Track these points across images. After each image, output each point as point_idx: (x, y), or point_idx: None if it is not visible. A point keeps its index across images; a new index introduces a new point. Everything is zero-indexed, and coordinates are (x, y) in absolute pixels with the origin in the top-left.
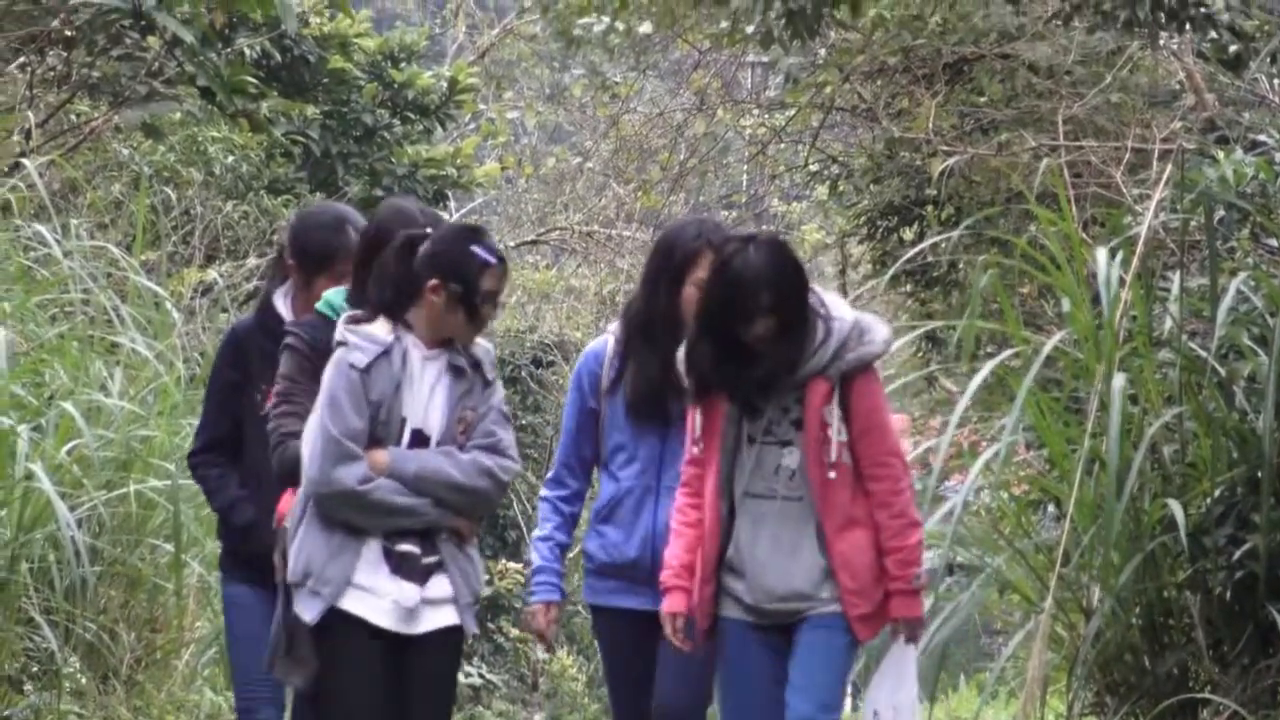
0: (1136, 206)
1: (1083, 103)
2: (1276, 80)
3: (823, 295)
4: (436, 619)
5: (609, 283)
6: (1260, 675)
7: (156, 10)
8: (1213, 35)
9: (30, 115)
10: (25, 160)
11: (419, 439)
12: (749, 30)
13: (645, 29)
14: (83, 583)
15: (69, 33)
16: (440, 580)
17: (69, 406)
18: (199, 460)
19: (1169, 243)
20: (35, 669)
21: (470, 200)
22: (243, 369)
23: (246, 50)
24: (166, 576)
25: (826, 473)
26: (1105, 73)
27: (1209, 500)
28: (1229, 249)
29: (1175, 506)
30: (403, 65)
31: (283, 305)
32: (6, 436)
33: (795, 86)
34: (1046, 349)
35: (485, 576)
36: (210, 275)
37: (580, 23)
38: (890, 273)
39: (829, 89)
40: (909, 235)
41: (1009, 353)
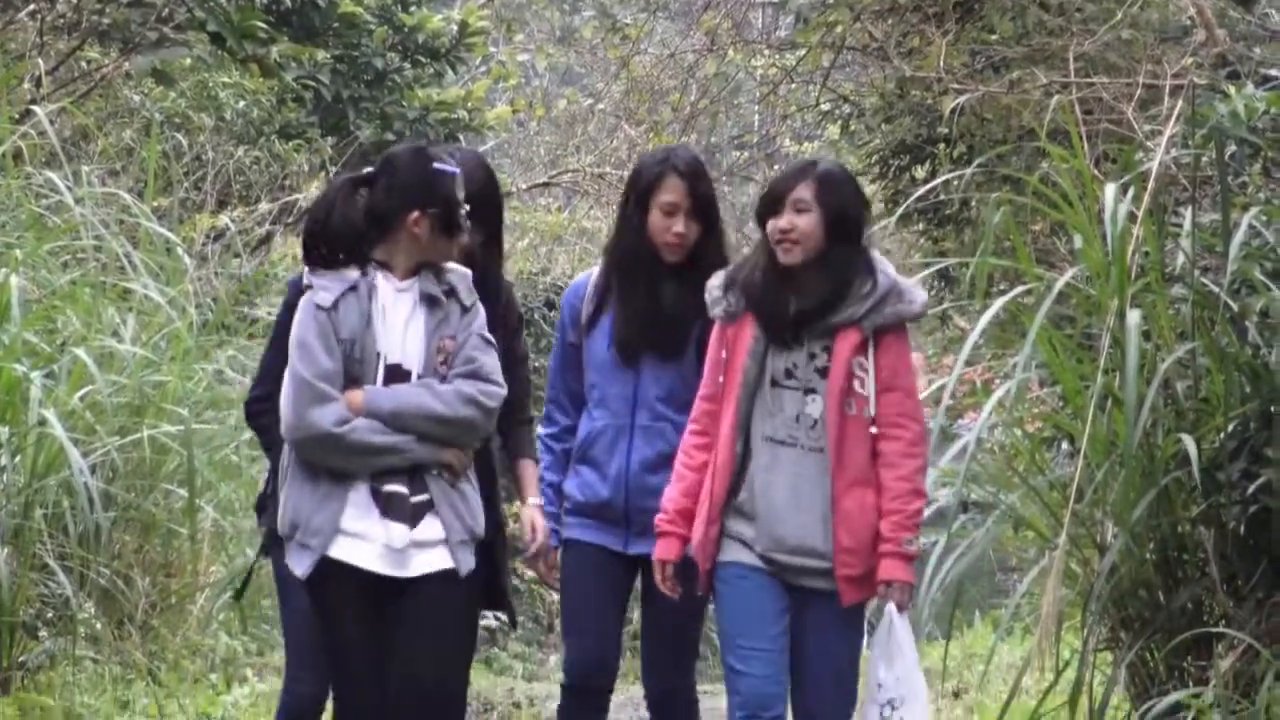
0: (1148, 143)
1: (1094, 39)
2: None
3: (874, 255)
4: (427, 562)
5: None
6: (1274, 609)
7: None
8: None
9: (40, 62)
10: (36, 107)
11: (398, 373)
12: None
13: None
14: (97, 528)
15: None
16: (432, 521)
17: (81, 353)
18: (258, 408)
19: (1181, 178)
20: (50, 615)
21: (482, 143)
22: None
23: None
24: (180, 521)
25: (846, 424)
26: (1116, 9)
27: (1222, 435)
28: (1240, 184)
29: (1189, 442)
30: (413, 9)
31: None
32: (19, 383)
33: (806, 26)
34: (1059, 285)
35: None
36: (222, 221)
37: None
38: (901, 211)
39: (840, 28)
40: (921, 174)
41: (1021, 289)
